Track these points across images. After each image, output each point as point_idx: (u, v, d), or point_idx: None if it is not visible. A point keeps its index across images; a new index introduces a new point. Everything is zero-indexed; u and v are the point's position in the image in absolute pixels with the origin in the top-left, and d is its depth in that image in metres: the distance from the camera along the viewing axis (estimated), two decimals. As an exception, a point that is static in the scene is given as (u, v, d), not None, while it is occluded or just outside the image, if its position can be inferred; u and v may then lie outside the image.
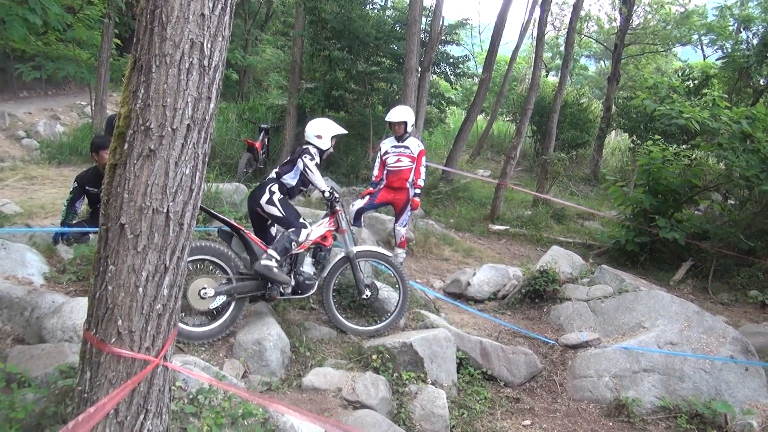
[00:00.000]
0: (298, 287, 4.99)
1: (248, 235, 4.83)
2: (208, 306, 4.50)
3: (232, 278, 4.65)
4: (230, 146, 11.50)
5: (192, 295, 4.43)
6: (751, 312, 7.14)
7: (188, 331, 4.41)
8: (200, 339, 4.46)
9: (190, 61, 2.17)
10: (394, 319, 5.25)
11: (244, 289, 4.66)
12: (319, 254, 5.19)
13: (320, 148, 5.22)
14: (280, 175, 5.11)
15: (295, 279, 4.96)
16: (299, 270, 5.01)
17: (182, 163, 2.23)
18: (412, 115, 6.94)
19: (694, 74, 14.53)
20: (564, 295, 6.50)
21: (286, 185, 5.09)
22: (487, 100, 17.62)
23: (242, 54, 17.50)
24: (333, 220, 5.20)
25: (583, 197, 14.01)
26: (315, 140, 5.21)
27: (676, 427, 4.57)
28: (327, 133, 5.25)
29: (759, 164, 7.68)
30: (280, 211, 4.90)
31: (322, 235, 5.15)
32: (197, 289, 4.44)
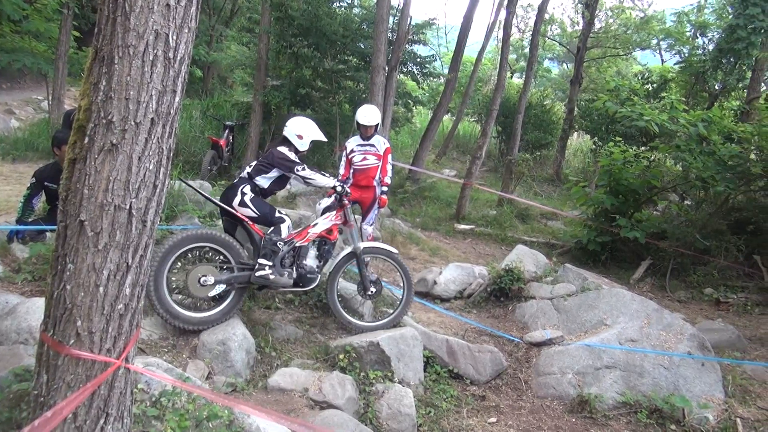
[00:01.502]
0: (300, 280, 4.97)
1: (251, 226, 4.83)
2: (207, 294, 4.55)
3: (234, 267, 4.66)
4: (194, 143, 11.27)
5: (192, 282, 4.48)
6: (706, 309, 7.36)
7: (185, 315, 4.45)
8: (197, 325, 4.49)
9: (154, 52, 2.10)
10: (398, 315, 5.29)
11: (244, 279, 4.67)
12: (323, 248, 5.18)
13: (297, 148, 5.15)
14: (253, 176, 5.02)
15: (297, 272, 4.93)
16: (302, 263, 4.98)
17: (146, 158, 2.17)
18: (380, 115, 6.94)
19: (654, 78, 14.93)
20: (529, 293, 6.59)
21: (259, 186, 5.01)
22: (453, 101, 17.74)
23: (206, 50, 17.19)
24: (340, 213, 5.20)
25: (546, 197, 14.24)
26: (294, 139, 5.14)
27: (637, 422, 4.68)
28: (308, 135, 5.19)
29: (714, 166, 7.93)
30: (254, 211, 4.85)
31: (328, 229, 5.15)
32: (197, 276, 4.49)
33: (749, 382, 5.28)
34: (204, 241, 4.56)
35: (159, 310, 4.39)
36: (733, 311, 7.24)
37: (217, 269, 4.62)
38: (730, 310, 7.26)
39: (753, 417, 4.70)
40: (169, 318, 4.42)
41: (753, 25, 11.32)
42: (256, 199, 4.90)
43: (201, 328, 4.52)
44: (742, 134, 8.17)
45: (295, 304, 5.56)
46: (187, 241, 4.47)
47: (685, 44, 16.02)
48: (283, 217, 4.91)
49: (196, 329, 4.51)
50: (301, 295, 5.57)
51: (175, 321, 4.44)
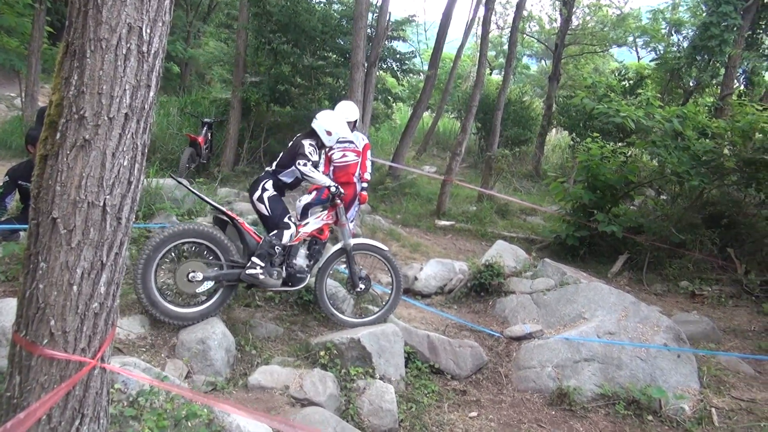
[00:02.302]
0: (290, 279, 4.94)
1: (242, 225, 4.81)
2: (195, 289, 4.52)
3: (223, 264, 4.62)
4: (172, 141, 11.13)
5: (180, 277, 4.45)
6: (682, 301, 7.49)
7: (171, 310, 4.42)
8: (183, 320, 4.47)
9: (127, 46, 2.06)
10: (386, 312, 5.29)
11: (233, 276, 4.64)
12: (314, 247, 5.15)
13: (322, 141, 5.13)
14: (278, 172, 5.01)
15: (287, 271, 4.91)
16: (292, 262, 4.95)
17: (120, 154, 2.13)
18: (358, 112, 6.93)
19: (630, 75, 15.13)
20: (508, 288, 6.63)
21: (282, 181, 5.01)
22: (433, 97, 17.78)
23: (184, 46, 17.01)
24: (332, 213, 5.18)
25: (526, 193, 14.35)
26: (323, 134, 5.11)
27: (615, 414, 4.74)
28: (337, 132, 5.15)
29: (689, 161, 8.06)
30: (267, 210, 4.86)
31: (319, 228, 5.14)
32: (186, 272, 4.45)
33: (723, 373, 5.39)
34: (195, 237, 4.53)
35: (145, 303, 4.35)
36: (707, 303, 7.38)
37: (206, 266, 4.59)
38: (705, 302, 7.40)
39: (727, 406, 4.80)
40: (155, 312, 4.39)
41: (726, 22, 11.53)
42: (274, 198, 4.89)
43: (187, 323, 4.49)
44: (716, 130, 8.32)
45: (275, 302, 5.52)
46: (178, 236, 4.45)
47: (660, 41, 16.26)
48: (290, 224, 4.89)
49: (182, 325, 4.48)
50: (281, 292, 5.53)
51: (161, 315, 4.41)
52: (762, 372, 5.68)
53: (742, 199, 8.85)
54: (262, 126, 11.89)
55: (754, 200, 8.87)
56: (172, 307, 4.47)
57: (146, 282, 4.33)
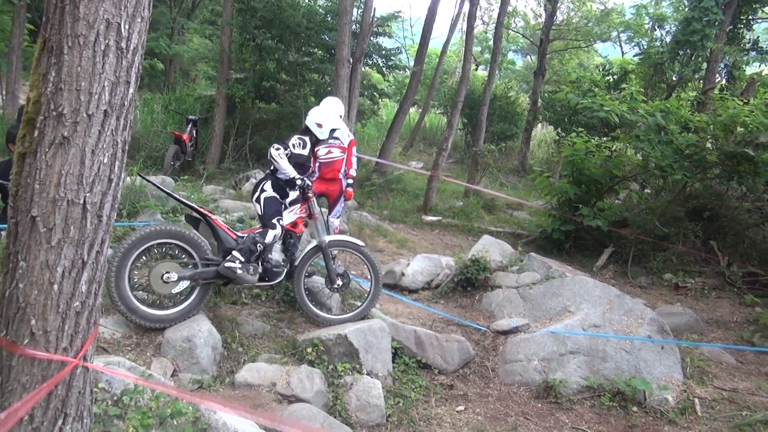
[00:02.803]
0: (266, 274, 4.95)
1: (215, 222, 4.79)
2: (170, 290, 4.47)
3: (198, 263, 4.60)
4: (156, 138, 11.03)
5: (154, 279, 4.41)
6: (666, 294, 7.57)
7: (148, 313, 4.38)
8: (160, 322, 4.42)
9: (105, 42, 2.04)
10: (366, 308, 5.28)
11: (209, 275, 4.61)
12: (289, 241, 5.15)
13: (316, 136, 5.17)
14: (275, 171, 5.07)
15: (263, 266, 4.92)
16: (267, 257, 4.96)
17: (99, 152, 2.11)
18: (344, 108, 6.91)
19: (614, 69, 15.22)
20: (495, 282, 6.66)
21: (280, 180, 5.06)
22: (419, 93, 17.78)
23: (168, 43, 16.83)
24: (305, 206, 5.17)
25: (512, 188, 14.41)
26: (314, 128, 5.18)
27: (600, 405, 4.79)
28: (328, 124, 5.19)
29: (672, 155, 8.13)
30: (261, 209, 4.95)
31: (293, 222, 5.13)
32: (160, 273, 4.41)
33: (706, 363, 5.46)
34: (167, 237, 4.48)
35: (120, 307, 4.30)
36: (691, 295, 7.47)
37: (180, 266, 4.55)
38: (689, 294, 7.49)
39: (710, 396, 4.87)
40: (131, 315, 4.33)
41: (707, 17, 11.64)
42: (270, 199, 4.97)
43: (165, 325, 4.44)
44: (699, 124, 8.39)
45: (261, 299, 5.51)
46: (150, 237, 4.39)
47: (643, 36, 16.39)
48: (276, 225, 4.91)
49: (160, 327, 4.43)
50: (267, 290, 5.53)
51: (137, 319, 4.35)
52: (744, 362, 5.76)
53: (724, 192, 8.95)
54: (247, 123, 11.83)
55: (735, 193, 8.98)
56: (150, 310, 4.42)
57: (120, 288, 4.27)
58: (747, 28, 13.23)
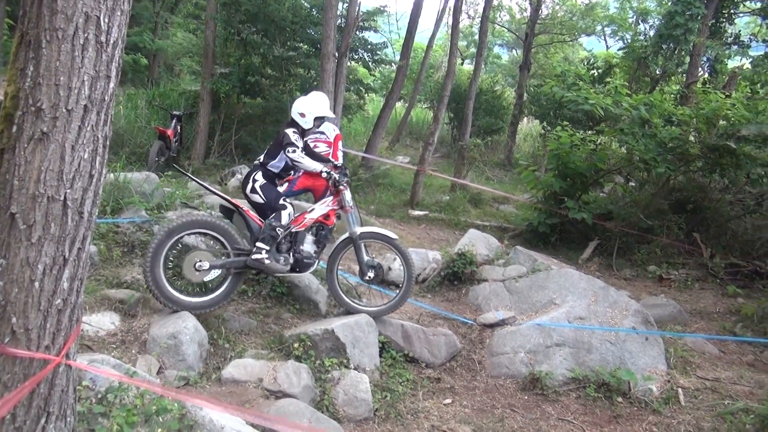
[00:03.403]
0: (297, 265, 5.00)
1: (246, 213, 4.92)
2: (202, 279, 4.66)
3: (230, 253, 4.74)
4: (140, 134, 10.93)
5: (187, 267, 4.61)
6: (650, 286, 7.65)
7: (181, 299, 4.57)
8: (194, 309, 4.60)
9: (85, 36, 2.01)
10: (401, 299, 5.29)
11: (239, 264, 4.74)
12: (320, 233, 5.19)
13: (302, 127, 5.14)
14: (266, 164, 5.09)
15: (294, 257, 4.98)
16: (299, 248, 5.01)
17: (80, 147, 2.08)
18: (329, 102, 6.87)
19: (599, 63, 15.33)
20: (481, 276, 6.69)
21: (272, 171, 5.08)
22: (405, 88, 17.77)
23: (151, 37, 16.68)
24: (337, 199, 5.17)
25: (498, 182, 14.47)
26: (298, 118, 5.13)
27: (586, 397, 4.84)
28: (311, 112, 5.13)
29: (656, 148, 8.22)
30: (262, 197, 4.95)
31: (325, 214, 5.16)
32: (193, 261, 4.60)
33: (690, 354, 5.54)
34: (200, 228, 4.66)
35: (156, 294, 4.49)
36: (674, 287, 7.56)
37: (213, 255, 4.72)
38: (672, 286, 7.58)
39: (693, 386, 4.93)
40: (166, 302, 4.53)
41: (690, 11, 11.74)
42: (266, 186, 4.99)
43: (197, 312, 4.61)
44: (682, 117, 8.49)
45: (248, 295, 5.49)
46: (184, 227, 4.58)
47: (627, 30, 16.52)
48: (285, 204, 4.96)
49: (194, 313, 4.58)
50: (254, 285, 5.51)
51: (171, 305, 4.54)
52: (726, 352, 5.85)
53: (706, 184, 9.06)
54: (232, 118, 11.75)
55: (718, 186, 9.10)
56: (182, 296, 4.61)
57: (155, 274, 4.45)
58: (729, 22, 13.38)
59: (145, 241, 5.52)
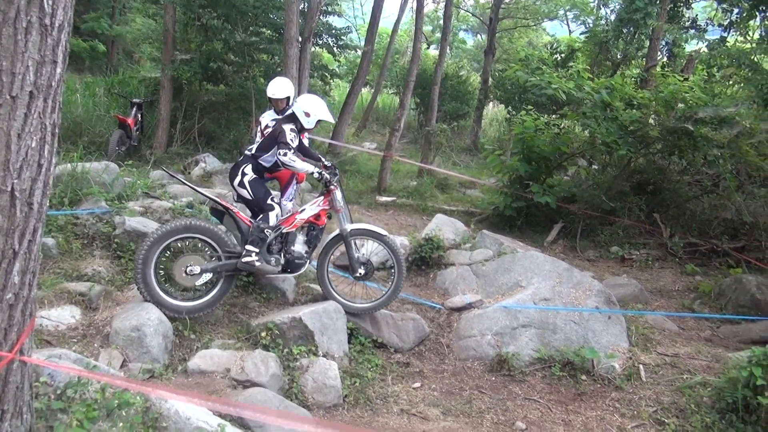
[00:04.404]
0: (288, 266, 5.01)
1: (236, 214, 4.93)
2: (194, 283, 4.70)
3: (221, 256, 4.75)
4: (99, 123, 10.60)
5: (178, 271, 4.65)
6: (613, 266, 7.83)
7: (173, 304, 4.58)
8: (187, 313, 4.63)
9: (27, 19, 1.92)
10: (391, 296, 5.26)
11: (230, 267, 4.75)
12: (311, 233, 5.18)
13: (302, 124, 5.09)
14: (257, 156, 5.05)
15: (285, 258, 4.98)
16: (290, 249, 5.02)
17: (27, 136, 2.00)
18: (293, 88, 6.78)
19: (562, 48, 15.45)
20: (448, 260, 6.74)
21: (262, 165, 5.06)
22: (371, 73, 17.65)
23: (109, 23, 16.14)
24: (328, 199, 5.13)
25: (465, 167, 14.54)
26: (302, 116, 5.08)
27: (551, 376, 4.94)
28: (316, 114, 5.11)
29: (617, 131, 8.36)
30: (250, 193, 4.97)
31: (316, 214, 5.14)
32: (183, 266, 4.64)
33: (650, 331, 5.69)
34: (190, 232, 4.68)
35: (147, 298, 4.50)
36: (636, 266, 7.75)
37: (203, 258, 4.73)
38: (634, 266, 7.76)
39: (653, 362, 5.08)
40: (158, 306, 4.50)
41: (649, -5, 11.91)
42: (255, 181, 4.99)
43: (191, 316, 4.63)
44: (642, 100, 8.64)
45: (214, 285, 5.41)
46: (173, 232, 4.60)
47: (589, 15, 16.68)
48: (273, 204, 4.97)
49: (187, 318, 4.62)
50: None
51: (165, 310, 4.52)
52: (685, 328, 6.04)
53: (666, 166, 9.27)
54: (195, 105, 11.50)
55: (676, 167, 9.32)
56: (174, 300, 4.62)
57: (147, 279, 4.48)
58: (686, 6, 13.61)
59: (106, 233, 5.40)
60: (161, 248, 4.57)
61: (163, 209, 6.04)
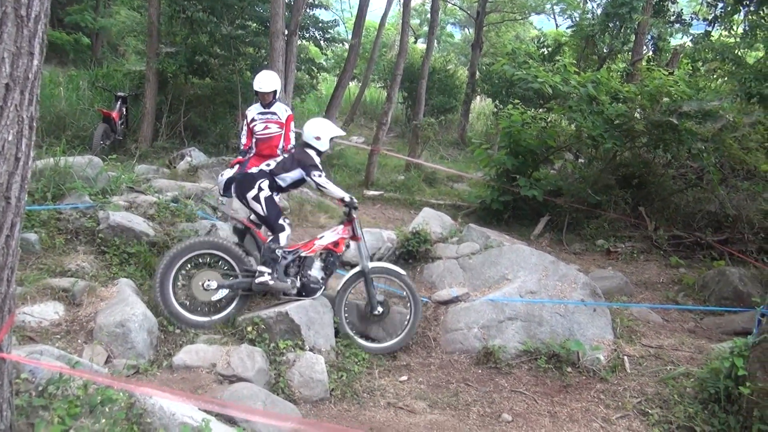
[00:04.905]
0: (303, 289, 5.05)
1: (257, 234, 5.10)
2: (209, 298, 4.82)
3: (239, 274, 4.88)
4: (83, 117, 10.47)
5: (195, 286, 4.80)
6: (598, 259, 7.89)
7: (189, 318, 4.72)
8: (202, 328, 4.74)
9: (2, 9, 1.88)
10: (407, 335, 5.21)
11: (246, 285, 4.86)
12: (329, 259, 5.20)
13: (318, 149, 5.15)
14: (275, 173, 5.08)
15: (301, 281, 5.03)
16: (306, 273, 5.07)
17: (3, 129, 1.96)
18: (279, 81, 6.74)
19: (548, 42, 15.51)
20: (435, 254, 6.74)
21: (278, 183, 5.09)
22: (358, 67, 17.61)
23: (93, 16, 15.94)
24: (348, 228, 5.16)
25: (452, 160, 14.57)
26: (314, 142, 5.14)
27: (537, 368, 4.97)
28: (326, 134, 5.16)
29: (603, 125, 8.41)
30: (263, 210, 4.97)
31: (335, 242, 5.17)
32: (201, 281, 4.79)
33: (635, 323, 5.75)
34: (209, 249, 4.85)
35: (165, 314, 4.62)
36: (621, 259, 7.81)
37: (221, 275, 4.86)
38: (619, 259, 7.83)
39: (638, 354, 5.13)
40: (175, 321, 4.65)
41: (635, -11, 11.97)
42: (270, 199, 5.02)
43: (207, 331, 4.72)
44: (627, 94, 8.69)
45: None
46: (193, 248, 4.78)
47: (576, 9, 16.72)
48: (284, 225, 5.00)
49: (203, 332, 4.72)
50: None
51: (181, 324, 4.66)
52: (669, 320, 6.10)
53: (651, 160, 9.34)
54: (181, 99, 11.40)
55: (661, 161, 9.39)
56: (189, 315, 4.74)
57: (165, 293, 4.63)
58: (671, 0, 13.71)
59: (90, 228, 5.34)
60: (181, 262, 4.73)
61: (148, 204, 5.99)
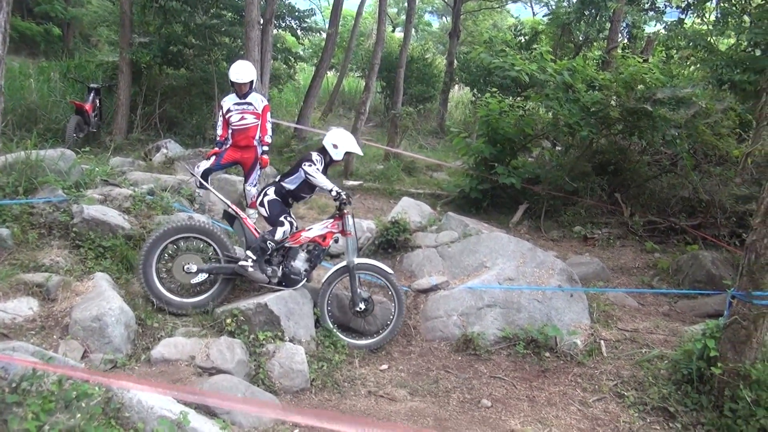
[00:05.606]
0: (284, 279, 5.07)
1: (244, 221, 5.17)
2: (190, 280, 4.87)
3: (221, 258, 4.95)
4: (55, 109, 10.28)
5: (177, 268, 4.86)
6: (576, 245, 7.99)
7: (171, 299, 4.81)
8: (179, 308, 4.83)
9: (-38, -1, 1.84)
10: (391, 332, 5.18)
11: (227, 270, 4.92)
12: (313, 252, 5.24)
13: (331, 156, 5.25)
14: (282, 178, 5.29)
15: (283, 271, 5.07)
16: (289, 264, 5.09)
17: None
18: (255, 72, 6.68)
19: (525, 30, 15.56)
20: (415, 243, 6.77)
21: (285, 188, 5.23)
22: (336, 56, 17.50)
23: (64, 6, 15.61)
24: (338, 222, 5.19)
25: (431, 150, 14.59)
26: (330, 147, 5.25)
27: (516, 354, 5.04)
28: (343, 145, 5.28)
29: (579, 112, 8.48)
30: (266, 211, 5.16)
31: (322, 235, 5.21)
32: (182, 263, 4.84)
33: (611, 308, 5.85)
34: (192, 232, 4.93)
35: (146, 291, 4.75)
36: (598, 245, 7.92)
37: (202, 259, 4.91)
38: (596, 245, 7.94)
39: (614, 338, 5.22)
40: (157, 302, 4.75)
41: (610, -23, 12.05)
42: (273, 201, 5.17)
43: (184, 312, 4.82)
44: (603, 82, 8.76)
45: (178, 273, 5.34)
46: (177, 231, 4.85)
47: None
48: (284, 222, 5.07)
49: (182, 313, 4.82)
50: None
51: (161, 303, 4.75)
52: (644, 304, 6.22)
53: (626, 147, 9.45)
54: (156, 90, 11.24)
55: (637, 147, 9.51)
56: (171, 296, 4.82)
57: (147, 273, 4.73)
58: (646, -12, 13.86)
59: (64, 222, 5.25)
60: (165, 244, 4.80)
61: (123, 197, 5.90)
